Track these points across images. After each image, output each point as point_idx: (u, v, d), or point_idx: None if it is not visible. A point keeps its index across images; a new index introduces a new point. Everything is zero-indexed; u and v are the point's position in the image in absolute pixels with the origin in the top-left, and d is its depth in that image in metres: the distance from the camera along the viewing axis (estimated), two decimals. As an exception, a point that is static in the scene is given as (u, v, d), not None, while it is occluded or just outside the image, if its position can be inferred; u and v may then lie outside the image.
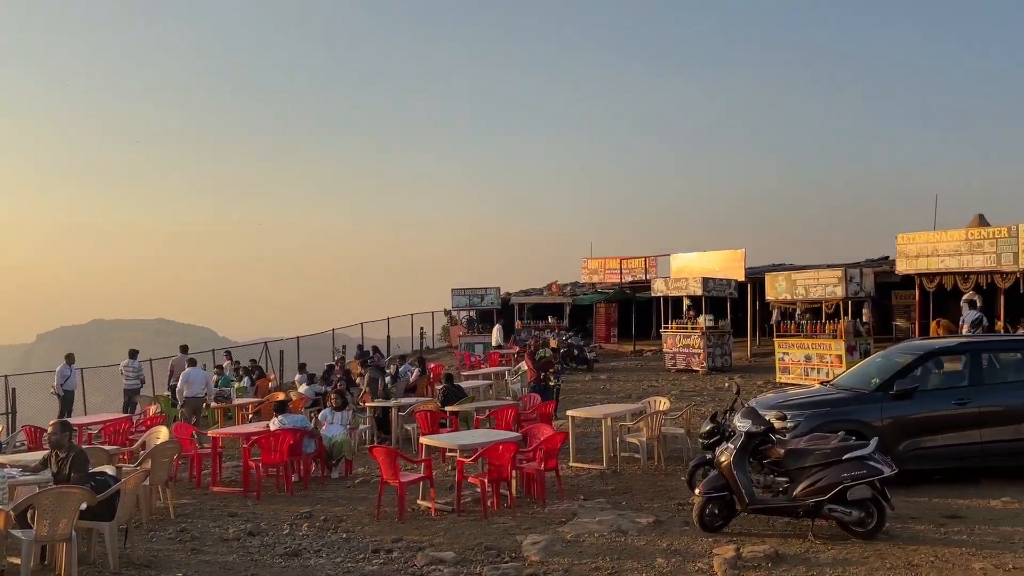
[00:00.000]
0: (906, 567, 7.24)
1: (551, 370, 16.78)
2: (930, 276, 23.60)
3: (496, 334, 29.98)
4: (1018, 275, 21.52)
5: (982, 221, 25.91)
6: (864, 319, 21.18)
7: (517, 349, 27.92)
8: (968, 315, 20.92)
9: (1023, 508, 9.09)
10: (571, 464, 12.29)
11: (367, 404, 16.39)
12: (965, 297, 22.38)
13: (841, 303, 20.68)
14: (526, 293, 37.47)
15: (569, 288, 37.63)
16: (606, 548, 8.23)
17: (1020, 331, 20.17)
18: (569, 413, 13.15)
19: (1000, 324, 22.10)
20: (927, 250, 23.68)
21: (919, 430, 10.22)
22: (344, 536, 9.20)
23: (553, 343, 25.16)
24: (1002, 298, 22.36)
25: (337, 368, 21.14)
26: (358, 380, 19.02)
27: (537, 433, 11.18)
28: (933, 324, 23.20)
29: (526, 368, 18.05)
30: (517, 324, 33.24)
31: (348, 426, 13.32)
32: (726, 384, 11.98)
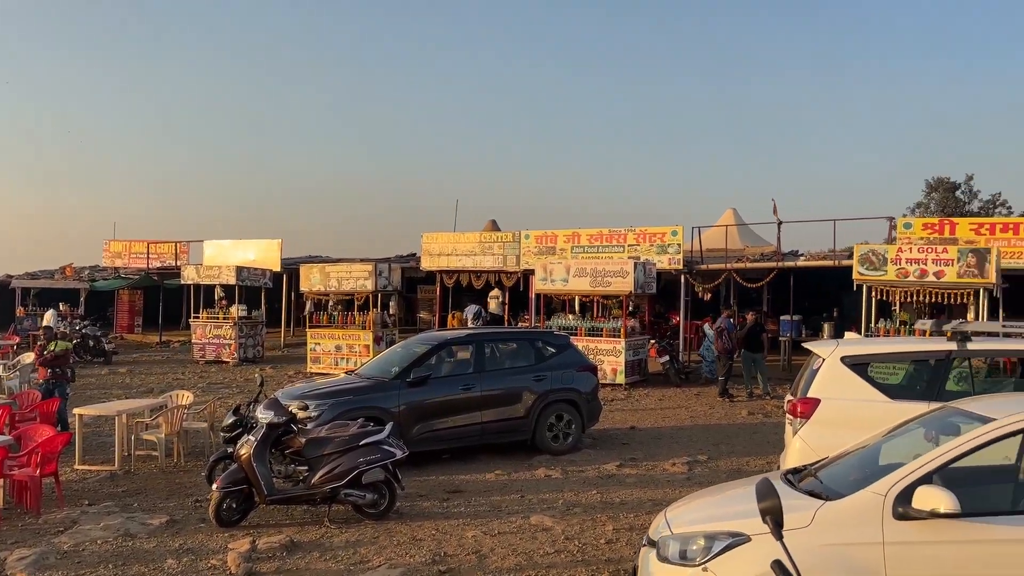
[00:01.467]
0: (411, 542, 7.80)
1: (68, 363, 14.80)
2: (449, 273, 25.92)
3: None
4: (519, 275, 24.63)
5: (494, 226, 29.18)
6: (391, 311, 22.48)
7: (17, 340, 24.52)
8: (470, 309, 23.37)
9: (511, 480, 10.39)
10: (76, 467, 11.08)
11: None
12: (491, 294, 24.96)
13: (371, 296, 21.70)
14: (32, 276, 33.04)
15: (87, 272, 34.03)
16: (110, 555, 7.55)
17: (521, 324, 23.06)
18: (77, 411, 11.84)
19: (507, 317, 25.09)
20: (447, 249, 25.97)
21: (431, 414, 11.12)
22: None
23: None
24: (507, 294, 25.36)
25: None
26: None
27: (34, 435, 9.88)
28: (450, 316, 25.51)
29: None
30: (19, 311, 29.17)
31: None
32: (256, 375, 11.78)
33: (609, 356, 18.96)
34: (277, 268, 28.05)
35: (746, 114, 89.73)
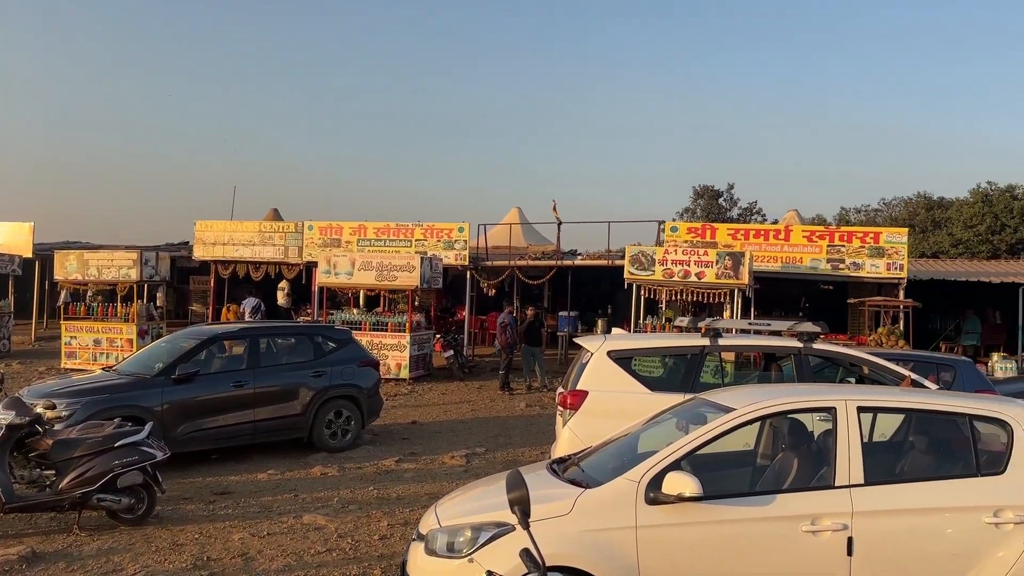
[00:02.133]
0: (171, 547, 7.34)
1: None
2: (225, 263, 24.70)
3: None
4: (301, 267, 23.94)
5: (276, 215, 28.16)
6: (159, 303, 21.09)
7: None
8: (248, 302, 22.45)
9: (284, 479, 10.05)
10: None
11: None
12: (280, 285, 24.02)
13: (135, 286, 20.24)
14: None
15: None
16: None
17: (302, 318, 22.41)
18: None
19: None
20: (224, 238, 24.73)
21: (199, 413, 10.53)
22: None
23: None
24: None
25: None
26: None
27: None
28: (225, 309, 24.32)
29: None
30: None
31: None
32: (-3, 372, 10.62)
33: (394, 351, 18.86)
34: (28, 254, 25.47)
35: (534, 115, 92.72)
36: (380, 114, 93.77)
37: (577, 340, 9.33)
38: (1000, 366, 17.42)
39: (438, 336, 20.86)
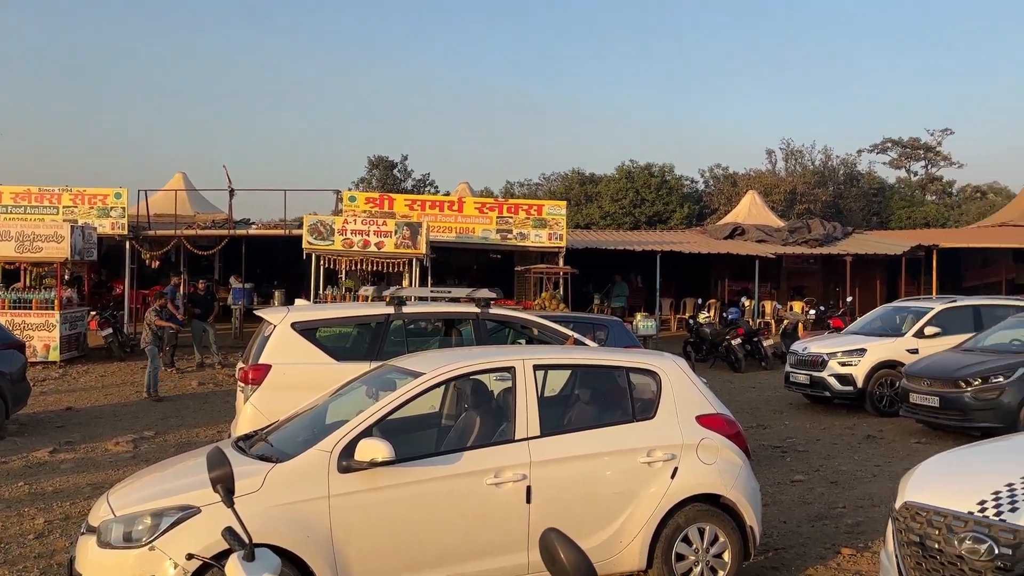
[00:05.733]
0: None
1: None
2: None
3: None
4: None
5: None
6: None
7: None
8: None
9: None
10: None
11: None
12: None
13: None
14: None
15: None
16: None
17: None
18: None
19: None
20: None
21: None
22: None
23: None
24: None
25: None
26: None
27: None
28: None
29: None
30: None
31: None
32: None
33: (41, 331, 16.85)
34: None
35: (206, 79, 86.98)
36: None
37: (258, 312, 9.02)
38: (643, 324, 19.68)
39: (93, 313, 18.98)
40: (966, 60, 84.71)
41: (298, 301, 11.07)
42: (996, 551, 3.56)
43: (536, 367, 5.61)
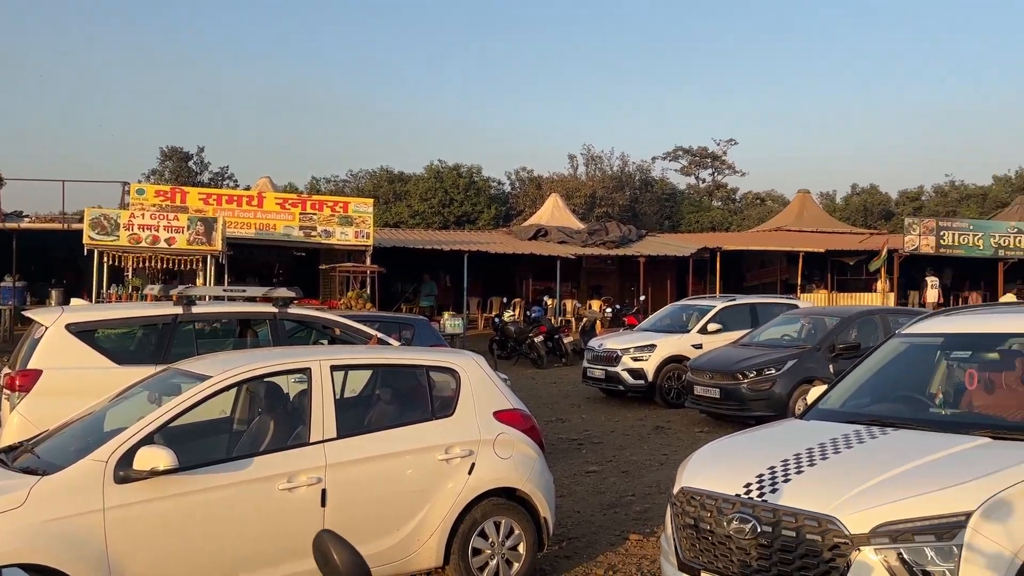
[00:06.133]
0: None
1: None
2: None
3: None
4: None
5: None
6: None
7: None
8: None
9: None
10: None
11: None
12: None
13: None
14: None
15: None
16: None
17: None
18: None
19: None
20: None
21: None
22: None
23: None
24: None
25: None
26: None
27: None
28: None
29: None
30: None
31: None
32: None
33: None
34: None
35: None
36: None
37: (27, 313, 8.25)
38: (450, 323, 19.83)
39: None
40: (750, 74, 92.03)
41: (75, 301, 10.24)
42: (759, 529, 3.87)
43: (334, 368, 5.50)
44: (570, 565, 6.25)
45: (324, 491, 5.06)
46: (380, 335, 8.81)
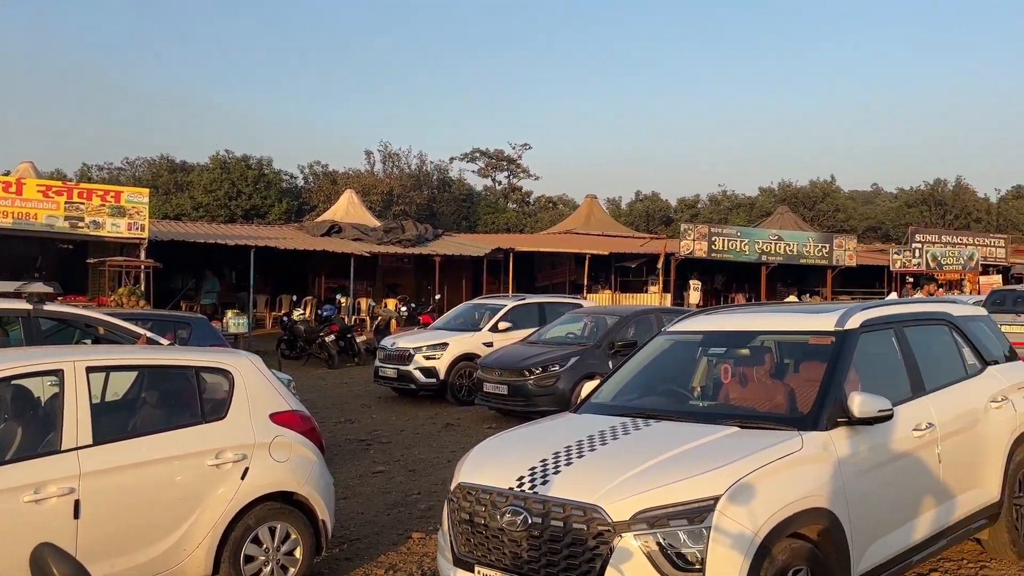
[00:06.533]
0: None
1: None
2: None
3: None
4: None
5: None
6: None
7: None
8: None
9: None
10: None
11: None
12: None
13: None
14: None
15: None
16: None
17: None
18: None
19: None
20: None
21: None
22: None
23: None
24: None
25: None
26: None
27: None
28: None
29: None
30: None
31: None
32: None
33: None
34: None
35: None
36: None
37: None
38: (234, 322, 18.96)
39: None
40: (546, 80, 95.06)
41: None
42: (530, 521, 3.96)
43: (90, 369, 5.07)
44: (351, 567, 6.14)
45: (77, 501, 4.67)
46: (150, 334, 8.26)
